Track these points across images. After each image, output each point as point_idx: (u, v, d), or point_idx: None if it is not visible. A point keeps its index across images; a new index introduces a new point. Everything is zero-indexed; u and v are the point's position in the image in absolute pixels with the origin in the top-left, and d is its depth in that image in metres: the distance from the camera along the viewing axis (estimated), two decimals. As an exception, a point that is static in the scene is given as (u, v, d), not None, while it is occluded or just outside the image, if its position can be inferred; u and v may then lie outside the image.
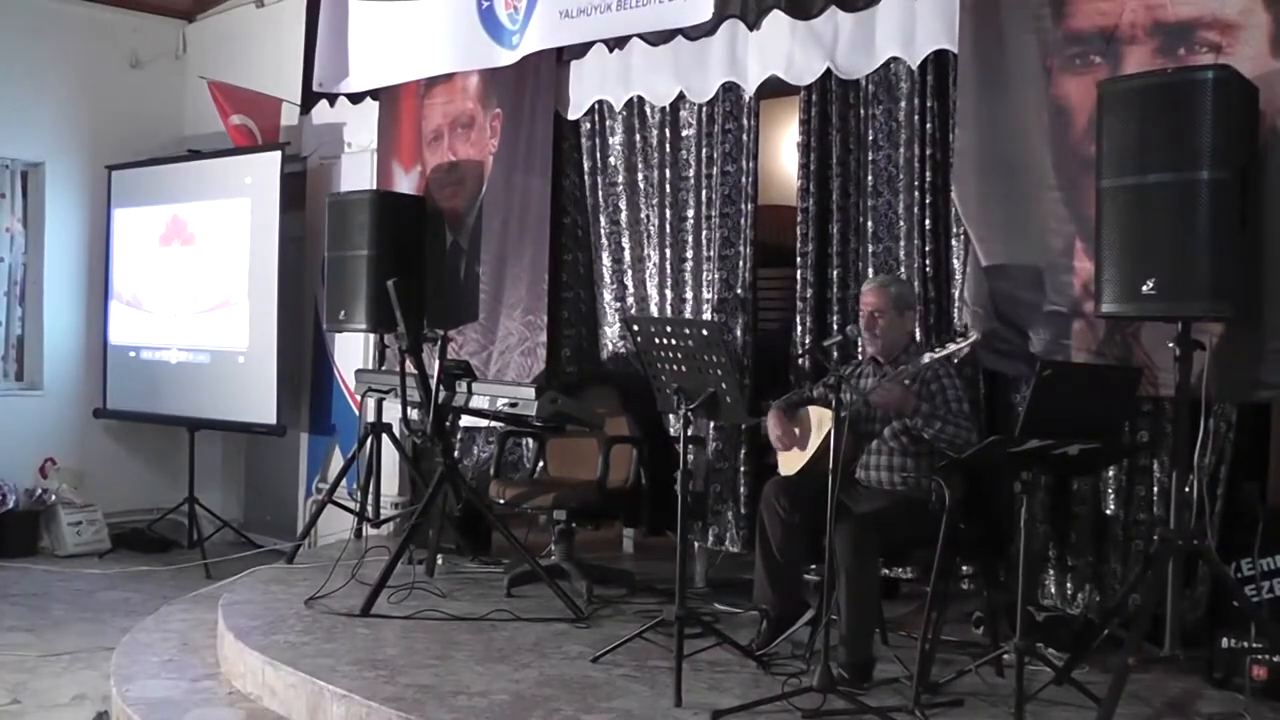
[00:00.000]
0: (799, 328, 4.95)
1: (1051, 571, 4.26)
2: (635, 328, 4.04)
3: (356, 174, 6.69)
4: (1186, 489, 3.62)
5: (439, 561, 5.32)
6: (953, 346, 3.64)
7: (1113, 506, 4.14)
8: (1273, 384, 3.66)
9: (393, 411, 5.74)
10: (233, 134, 7.07)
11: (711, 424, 5.12)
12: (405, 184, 6.34)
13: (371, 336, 6.29)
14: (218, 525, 7.14)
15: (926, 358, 3.70)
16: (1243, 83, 3.52)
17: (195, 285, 7.13)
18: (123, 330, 7.49)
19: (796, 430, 4.22)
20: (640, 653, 4.00)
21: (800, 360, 4.93)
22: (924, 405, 3.89)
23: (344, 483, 6.04)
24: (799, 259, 4.96)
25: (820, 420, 4.12)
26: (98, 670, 4.65)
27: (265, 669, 4.00)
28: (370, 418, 5.94)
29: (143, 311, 7.41)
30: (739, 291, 5.15)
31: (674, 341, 3.80)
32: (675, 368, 3.81)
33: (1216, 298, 3.39)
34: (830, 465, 3.51)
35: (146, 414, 7.29)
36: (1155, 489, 4.05)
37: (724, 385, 3.73)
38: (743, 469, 5.10)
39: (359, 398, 6.07)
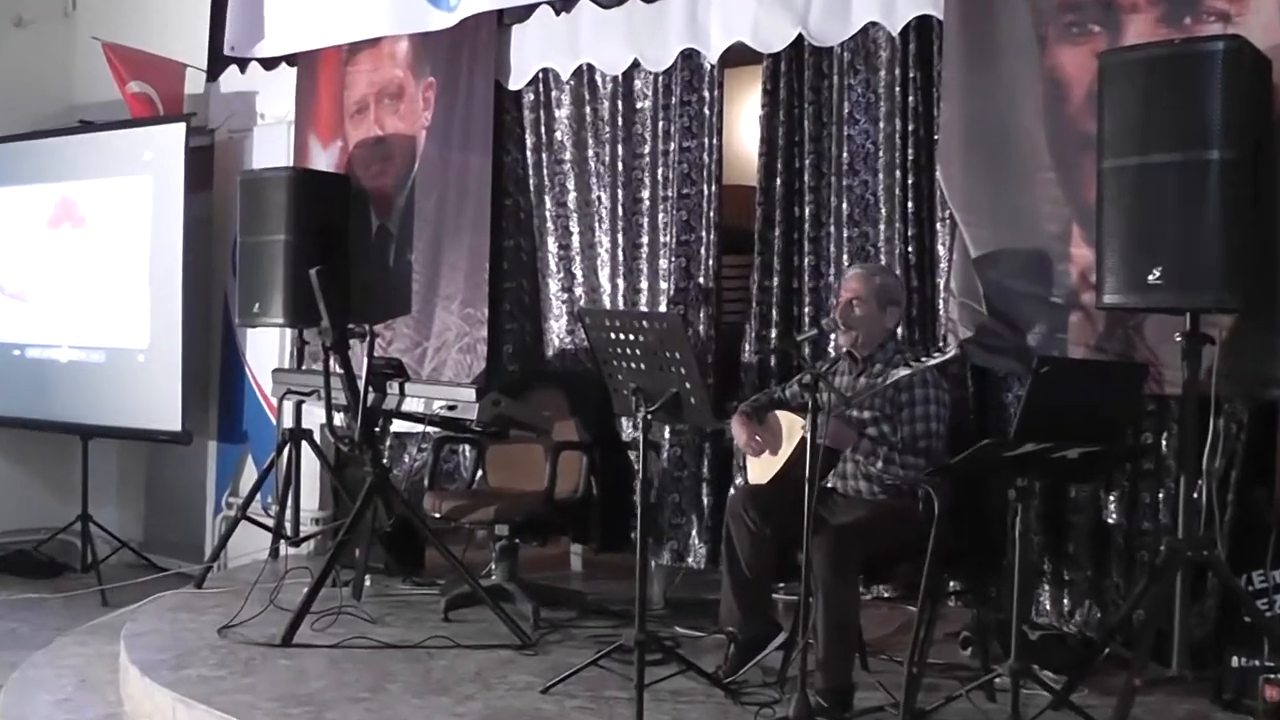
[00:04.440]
0: (754, 321, 4.98)
1: (1047, 586, 4.28)
2: (587, 321, 4.04)
3: (271, 149, 6.62)
4: (1194, 495, 3.65)
5: (367, 583, 5.26)
6: (932, 361, 3.67)
7: (1114, 515, 4.18)
8: (1287, 381, 3.71)
9: (314, 416, 5.67)
10: (130, 103, 6.94)
11: (667, 429, 5.15)
12: (325, 160, 6.30)
13: (290, 332, 6.23)
14: (115, 546, 7.02)
15: (902, 371, 3.73)
16: (1254, 54, 3.56)
17: (88, 274, 7.00)
18: (5, 326, 7.35)
19: (764, 436, 4.23)
20: (595, 682, 3.98)
21: (753, 359, 4.98)
22: (864, 441, 3.94)
23: (259, 496, 5.98)
24: (759, 244, 4.98)
25: (792, 425, 4.13)
26: (-18, 711, 4.55)
27: (176, 707, 3.93)
28: (289, 423, 5.87)
29: (28, 304, 7.27)
30: (700, 281, 5.16)
31: (631, 337, 3.80)
32: (633, 366, 3.81)
33: (1227, 288, 3.44)
34: (806, 472, 3.52)
35: (33, 420, 7.13)
36: (1160, 495, 4.08)
37: (688, 385, 3.73)
38: (705, 477, 5.10)
39: (275, 401, 6.00)
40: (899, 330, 4.36)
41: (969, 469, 3.58)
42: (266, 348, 6.56)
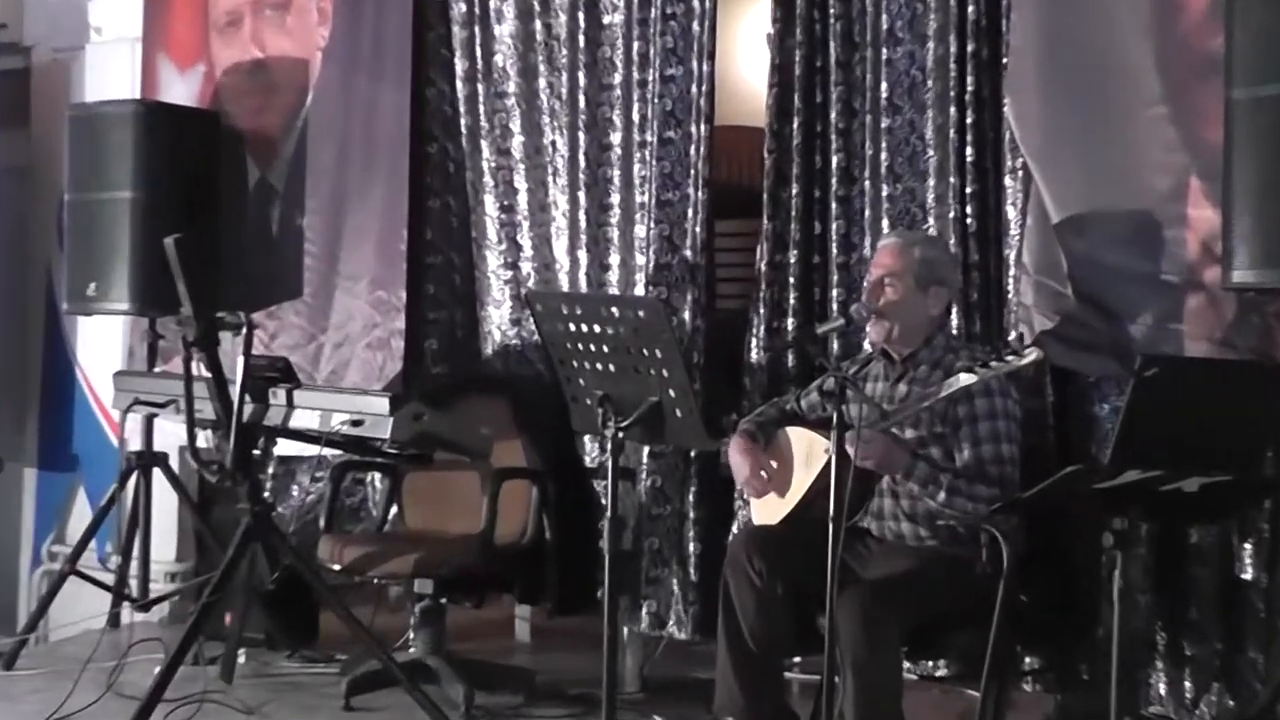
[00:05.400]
0: (761, 309, 5.01)
1: (1160, 664, 4.26)
2: (538, 308, 4.06)
3: (110, 75, 6.59)
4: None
5: (241, 659, 5.27)
6: (1008, 366, 3.70)
7: (1250, 568, 4.13)
8: None
9: (171, 435, 5.65)
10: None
11: (645, 451, 5.15)
12: (184, 91, 6.28)
13: (137, 322, 6.20)
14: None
15: (964, 379, 3.75)
16: None
17: None
18: None
19: (774, 463, 4.24)
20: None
21: (759, 359, 5.01)
22: (920, 464, 3.93)
23: (94, 544, 5.94)
24: (768, 206, 5.01)
25: (811, 447, 4.13)
26: None
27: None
28: (136, 445, 5.83)
29: None
30: (688, 254, 5.17)
31: (597, 329, 3.82)
32: (599, 368, 3.84)
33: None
34: (830, 509, 3.53)
35: None
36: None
37: (671, 393, 3.74)
38: (692, 515, 5.12)
39: (118, 415, 6.01)
40: (950, 320, 4.38)
41: (1049, 506, 3.60)
42: (105, 343, 6.52)
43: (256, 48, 6.13)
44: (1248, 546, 4.14)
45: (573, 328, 3.84)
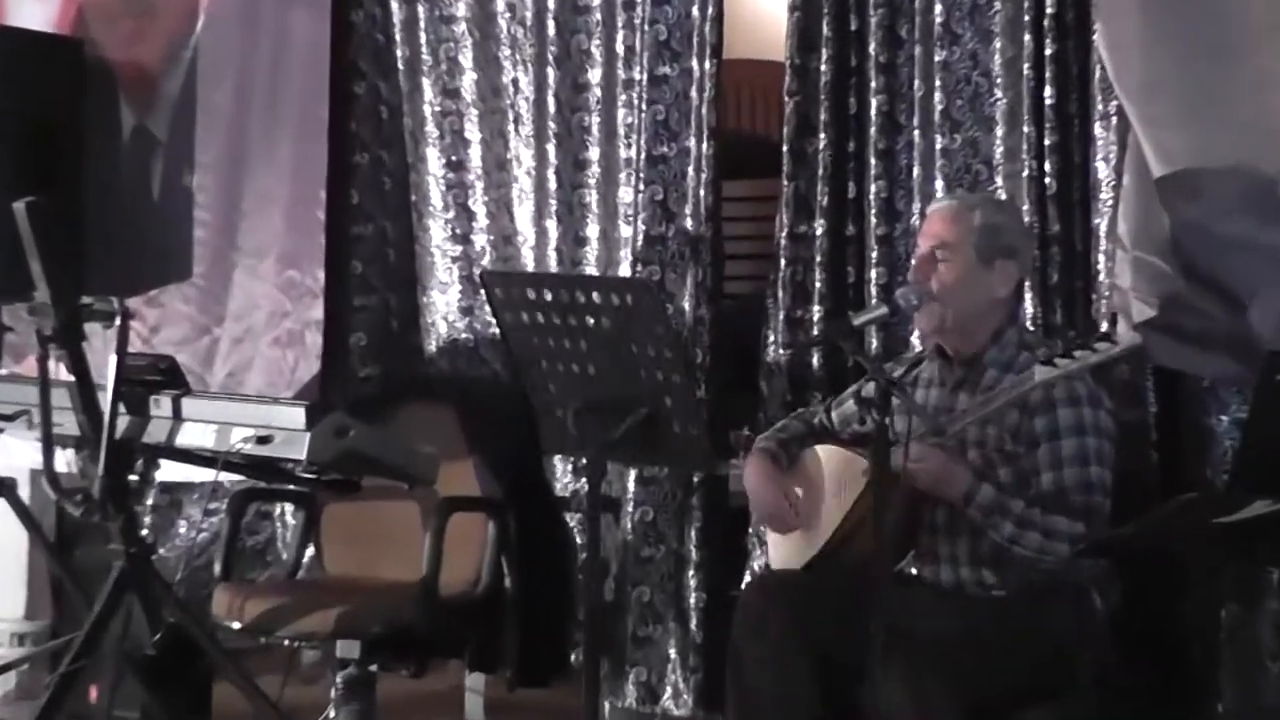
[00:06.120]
0: (782, 293, 5.08)
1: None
2: (497, 294, 4.08)
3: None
4: None
5: (113, 743, 5.22)
6: (1094, 355, 3.64)
7: None
8: None
9: (21, 455, 5.63)
10: None
11: (632, 475, 5.22)
12: (38, 13, 6.28)
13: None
14: None
15: (1039, 373, 3.71)
16: None
17: None
18: None
19: (799, 490, 4.23)
20: None
21: (778, 357, 5.07)
22: (985, 488, 3.90)
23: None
24: (789, 163, 5.07)
25: (846, 469, 4.12)
26: None
27: None
28: (-25, 469, 5.84)
29: None
30: (688, 224, 5.24)
31: (572, 320, 3.86)
32: (574, 369, 3.88)
33: None
34: (871, 550, 3.55)
35: None
36: None
37: (667, 401, 3.77)
38: (694, 558, 5.17)
39: (-52, 429, 5.95)
40: (1023, 308, 4.45)
41: (1150, 545, 3.60)
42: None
43: (131, -44, 6.18)
44: None
45: (540, 318, 3.87)
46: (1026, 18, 4.65)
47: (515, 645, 5.18)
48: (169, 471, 5.46)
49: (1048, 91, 4.60)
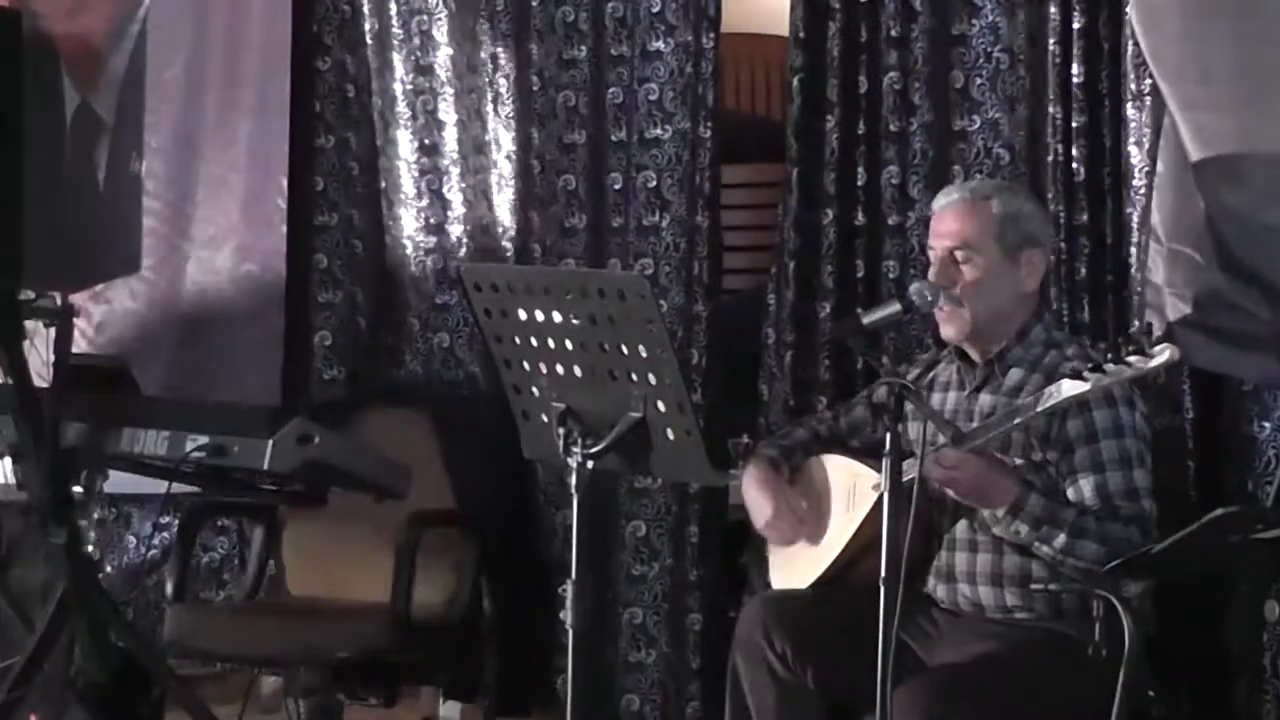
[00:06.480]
0: (785, 287, 5.08)
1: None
2: (476, 287, 3.95)
3: None
4: None
5: (56, 777, 5.16)
6: (1128, 369, 3.56)
7: None
8: None
9: None
10: None
11: (626, 487, 5.24)
12: None
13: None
14: None
15: (1067, 388, 3.65)
16: None
17: None
18: None
19: (804, 502, 4.22)
20: None
21: (780, 358, 5.08)
22: (1032, 497, 3.85)
23: None
24: (793, 146, 5.08)
25: (854, 481, 4.14)
26: None
27: None
28: (-96, 481, 5.77)
29: None
30: (682, 213, 5.24)
31: (557, 318, 3.77)
32: (559, 370, 3.81)
33: None
34: (882, 568, 3.49)
35: None
36: None
37: (660, 405, 3.68)
38: (691, 579, 5.20)
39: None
40: (1048, 308, 4.39)
41: (1187, 562, 3.62)
42: None
43: (71, -85, 6.10)
44: None
45: (522, 315, 3.78)
46: (1052, -17, 4.58)
47: (494, 671, 5.20)
48: (117, 482, 5.27)
49: (1075, 69, 4.60)
